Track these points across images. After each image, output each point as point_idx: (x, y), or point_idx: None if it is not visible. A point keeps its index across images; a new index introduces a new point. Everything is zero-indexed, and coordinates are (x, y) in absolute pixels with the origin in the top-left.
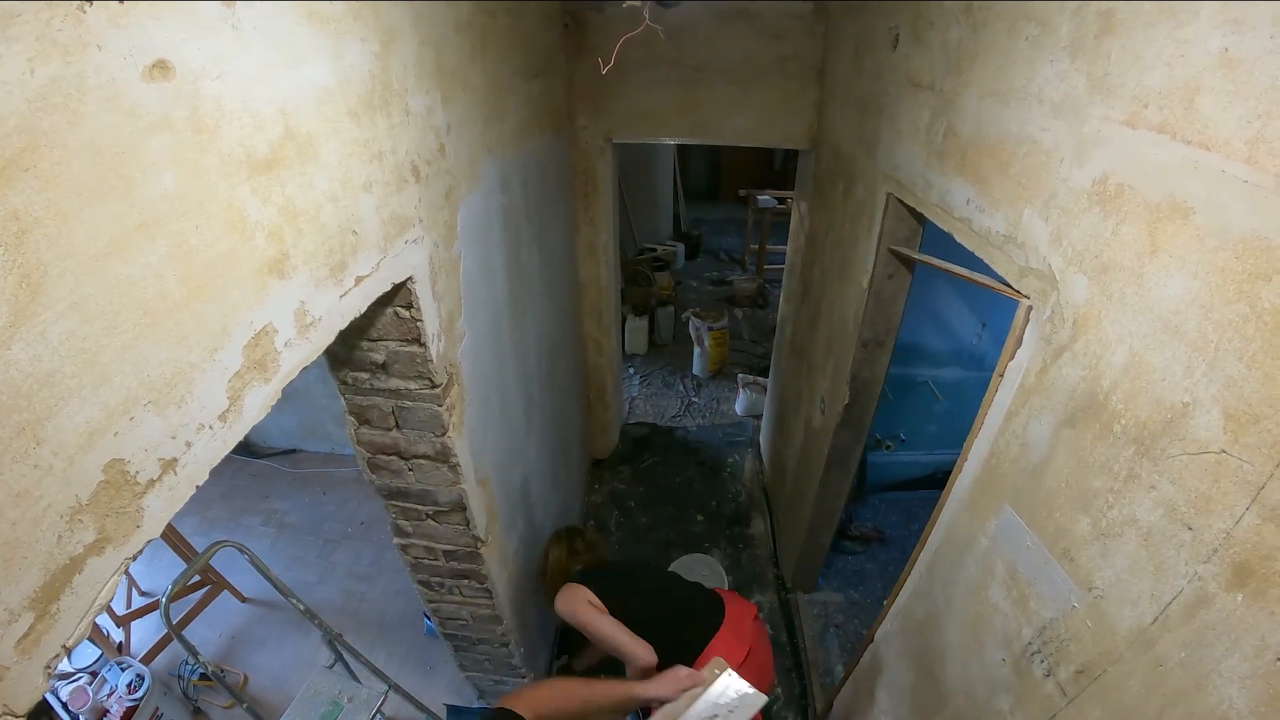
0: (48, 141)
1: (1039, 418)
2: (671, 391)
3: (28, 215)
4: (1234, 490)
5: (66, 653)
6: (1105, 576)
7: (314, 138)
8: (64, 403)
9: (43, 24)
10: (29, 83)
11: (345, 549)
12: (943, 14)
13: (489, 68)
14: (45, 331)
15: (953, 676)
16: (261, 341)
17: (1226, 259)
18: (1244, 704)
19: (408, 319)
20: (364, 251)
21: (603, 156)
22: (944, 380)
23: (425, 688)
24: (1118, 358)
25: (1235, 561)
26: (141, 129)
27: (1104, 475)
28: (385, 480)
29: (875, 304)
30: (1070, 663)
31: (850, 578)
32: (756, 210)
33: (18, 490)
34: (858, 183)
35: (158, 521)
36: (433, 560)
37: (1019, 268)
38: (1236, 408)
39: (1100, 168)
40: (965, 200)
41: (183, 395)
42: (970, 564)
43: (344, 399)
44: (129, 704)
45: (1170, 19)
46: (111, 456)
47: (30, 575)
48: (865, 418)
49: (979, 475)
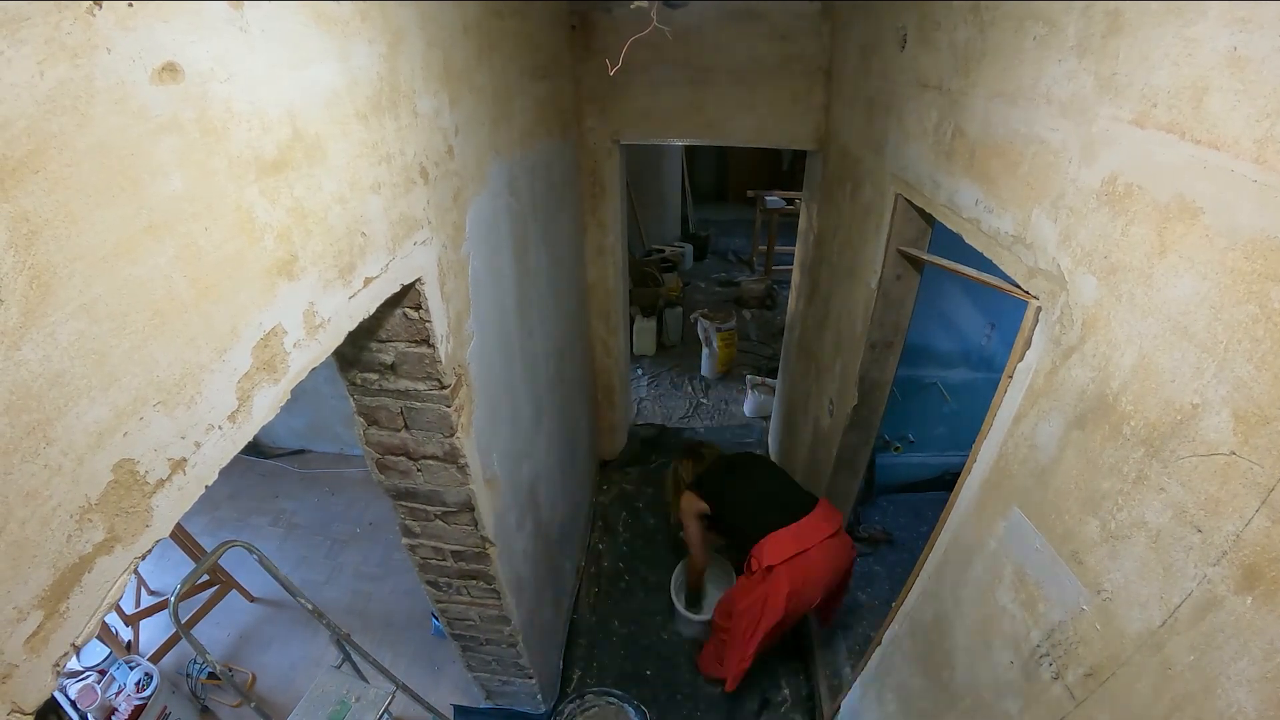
0: (57, 144)
1: (1048, 419)
2: (680, 392)
3: (38, 217)
4: (1243, 492)
5: (75, 651)
6: (1114, 579)
7: (322, 139)
8: (73, 403)
9: (52, 26)
10: (38, 85)
11: (353, 549)
12: (950, 14)
13: (496, 69)
14: (55, 332)
15: (961, 679)
16: (270, 342)
17: (1236, 259)
18: (1253, 708)
19: (416, 320)
20: (372, 253)
21: (610, 157)
22: (953, 381)
23: (433, 688)
24: (1127, 359)
25: (1245, 564)
26: (150, 131)
27: (1113, 477)
28: (394, 481)
29: (884, 305)
30: (1079, 665)
31: (858, 579)
32: (764, 211)
33: (28, 490)
34: (866, 183)
35: (167, 521)
36: (441, 560)
37: (1028, 268)
38: (1246, 409)
39: (1109, 168)
40: (974, 200)
41: (192, 396)
42: (979, 566)
43: (353, 400)
44: (137, 702)
45: (1178, 18)
46: (121, 456)
47: (40, 574)
48: (874, 419)
49: (987, 477)
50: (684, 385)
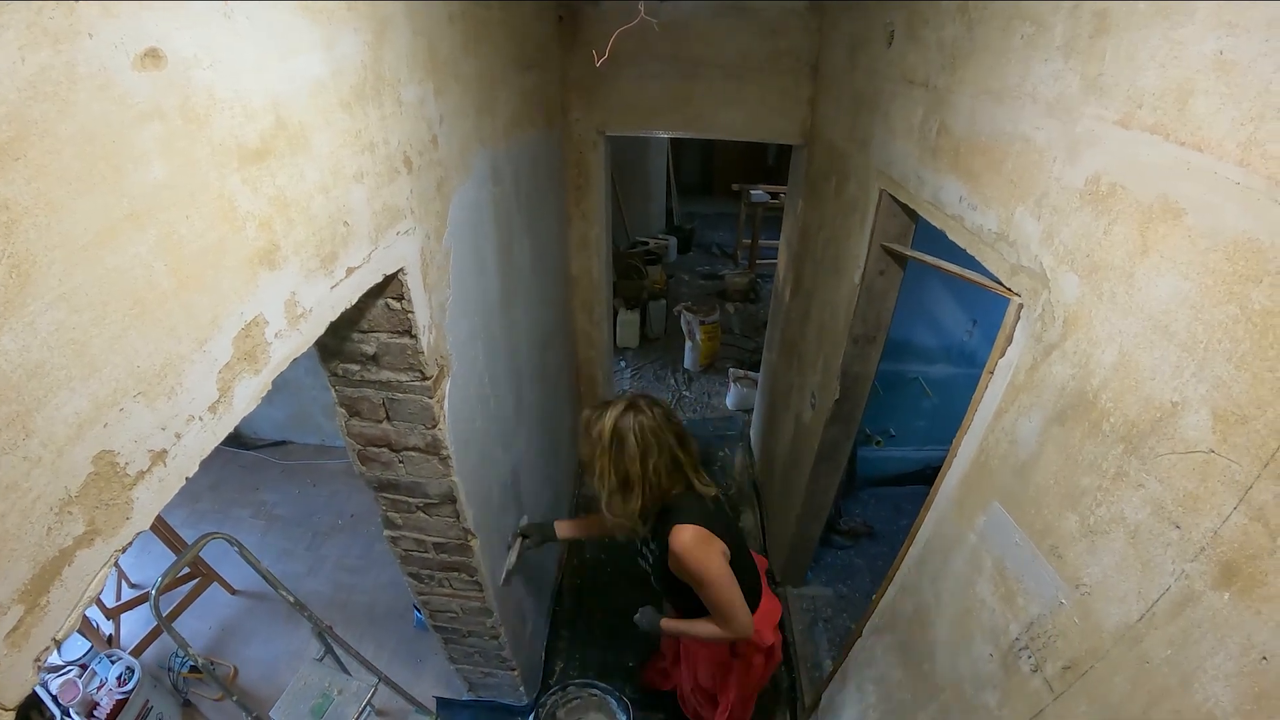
0: (38, 130)
1: (1028, 415)
2: (662, 385)
3: (17, 205)
4: (1221, 490)
5: (56, 646)
6: (1093, 573)
7: (305, 128)
8: (53, 394)
9: (34, 12)
10: (19, 71)
11: (335, 541)
12: (938, 12)
13: (482, 59)
14: (34, 322)
15: (941, 671)
16: (252, 333)
17: (1217, 260)
18: (1229, 701)
19: (399, 310)
20: (355, 242)
21: (595, 149)
22: (934, 376)
23: (415, 680)
24: (1107, 357)
25: (1222, 560)
26: (132, 118)
27: (1092, 473)
28: (375, 472)
29: (866, 300)
30: (1057, 659)
31: (839, 572)
32: (749, 205)
33: (7, 482)
34: (850, 179)
35: (147, 513)
36: (423, 553)
37: (1010, 265)
38: (1225, 408)
39: (1093, 167)
40: (958, 197)
41: (172, 387)
42: (959, 560)
43: (334, 391)
44: (119, 696)
45: (1165, 20)
46: (101, 448)
47: (19, 568)
48: (855, 413)
49: (968, 472)
50: (667, 378)
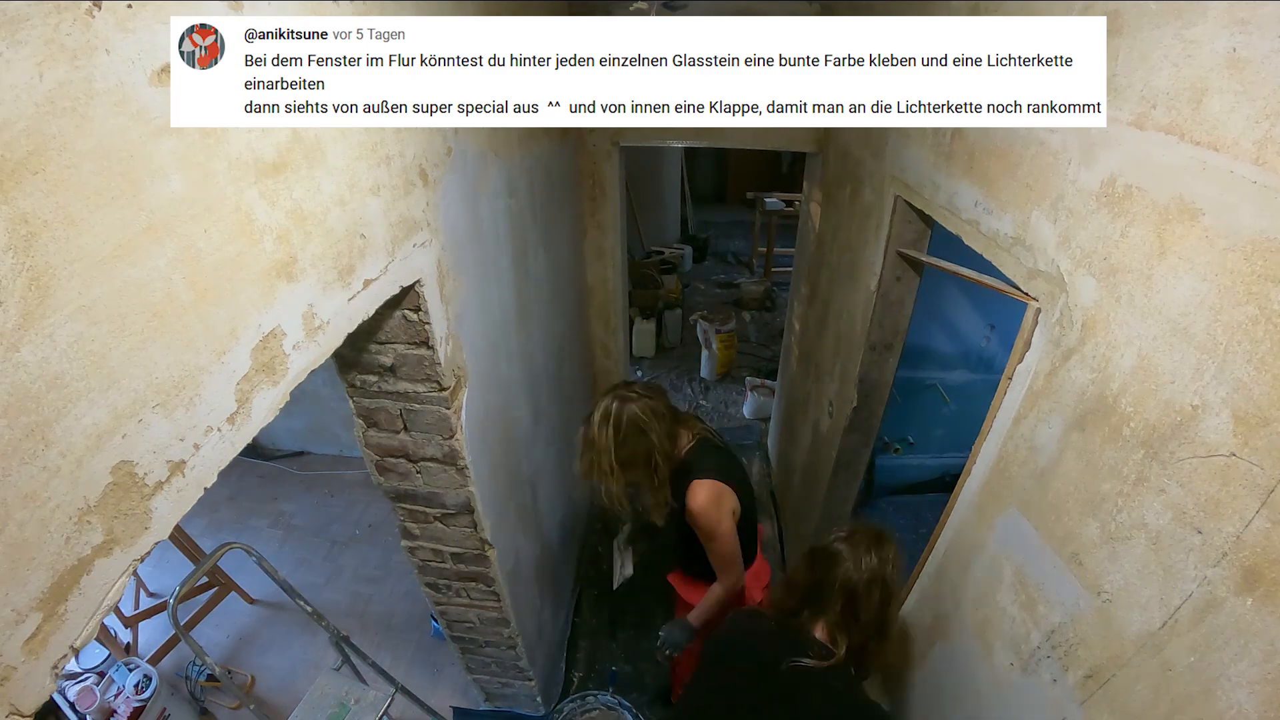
0: (56, 145)
1: (1047, 421)
2: (679, 394)
3: (37, 218)
4: (1244, 494)
5: (74, 653)
6: (1114, 580)
7: (321, 141)
8: (72, 405)
9: (51, 28)
10: (38, 86)
11: (352, 551)
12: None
13: None
14: (54, 334)
15: (961, 681)
16: (270, 344)
17: (1236, 260)
18: (1253, 709)
19: (416, 322)
20: (372, 255)
21: (610, 160)
22: (952, 383)
23: (432, 690)
24: (1126, 360)
25: (1245, 565)
26: (150, 133)
27: (1113, 479)
28: (393, 483)
29: (883, 307)
30: (1079, 667)
31: None
32: (764, 213)
33: (26, 492)
34: (865, 185)
35: (166, 523)
36: (440, 563)
37: (1027, 270)
38: (1246, 410)
39: (1108, 169)
40: (973, 202)
41: (191, 398)
42: (978, 568)
43: (352, 402)
44: (136, 704)
45: (1177, 19)
46: (120, 458)
47: (38, 576)
48: (873, 421)
49: (987, 479)
50: (683, 387)
